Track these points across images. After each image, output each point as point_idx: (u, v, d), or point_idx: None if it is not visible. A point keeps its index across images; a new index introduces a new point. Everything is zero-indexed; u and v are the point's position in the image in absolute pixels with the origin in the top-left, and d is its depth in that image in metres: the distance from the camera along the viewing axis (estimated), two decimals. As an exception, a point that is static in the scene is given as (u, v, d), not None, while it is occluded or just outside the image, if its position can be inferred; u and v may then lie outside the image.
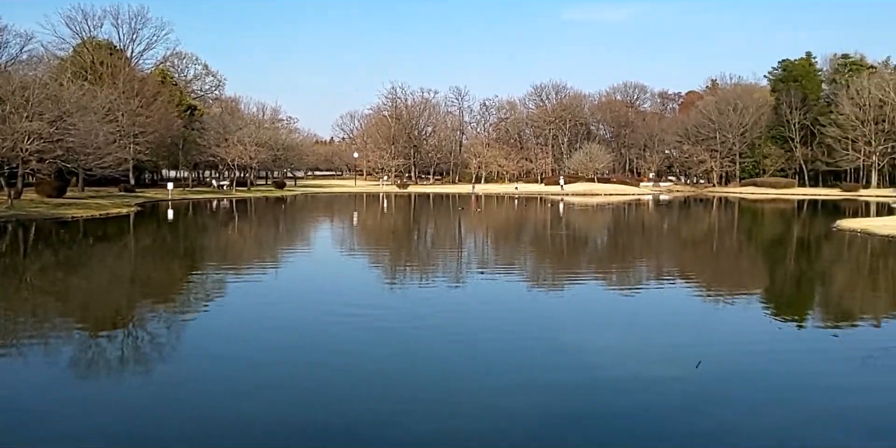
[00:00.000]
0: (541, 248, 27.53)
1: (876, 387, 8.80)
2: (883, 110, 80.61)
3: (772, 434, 7.12)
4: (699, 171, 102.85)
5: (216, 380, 8.71)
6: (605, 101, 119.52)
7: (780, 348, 10.80)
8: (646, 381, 8.88)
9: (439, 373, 9.21)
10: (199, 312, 13.44)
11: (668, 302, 15.27)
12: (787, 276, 20.40)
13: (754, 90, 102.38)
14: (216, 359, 9.71)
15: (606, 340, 11.26)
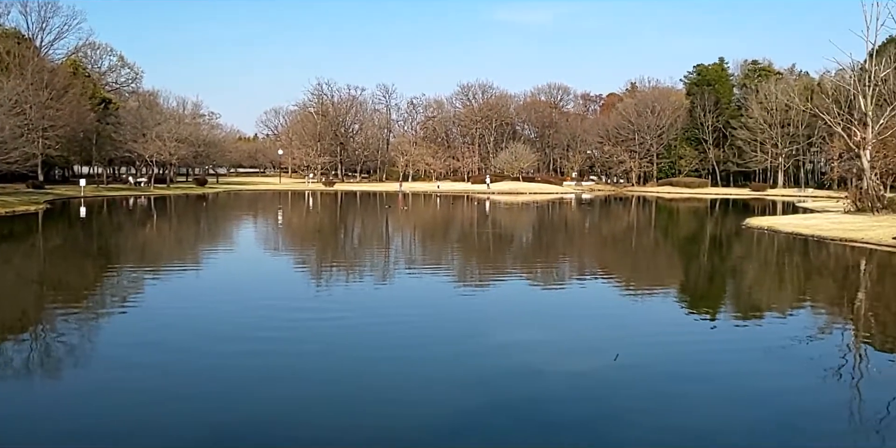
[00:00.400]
0: (467, 246, 27.81)
1: (778, 373, 9.35)
2: (788, 114, 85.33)
3: (685, 423, 7.47)
4: (619, 171, 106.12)
5: (127, 386, 8.42)
6: (529, 101, 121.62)
7: (694, 340, 11.31)
8: (566, 374, 9.15)
9: (361, 371, 9.20)
10: (112, 315, 12.93)
11: (589, 297, 15.75)
12: (701, 272, 21.37)
13: (671, 93, 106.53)
14: (128, 365, 9.38)
15: (529, 335, 11.51)
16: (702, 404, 8.09)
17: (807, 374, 9.42)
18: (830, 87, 66.01)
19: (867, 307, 15.23)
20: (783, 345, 10.86)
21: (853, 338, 12.03)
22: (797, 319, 13.63)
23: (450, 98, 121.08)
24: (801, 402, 8.24)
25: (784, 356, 10.26)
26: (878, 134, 40.14)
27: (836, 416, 7.75)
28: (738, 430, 7.30)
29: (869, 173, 38.64)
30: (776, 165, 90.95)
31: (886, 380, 9.27)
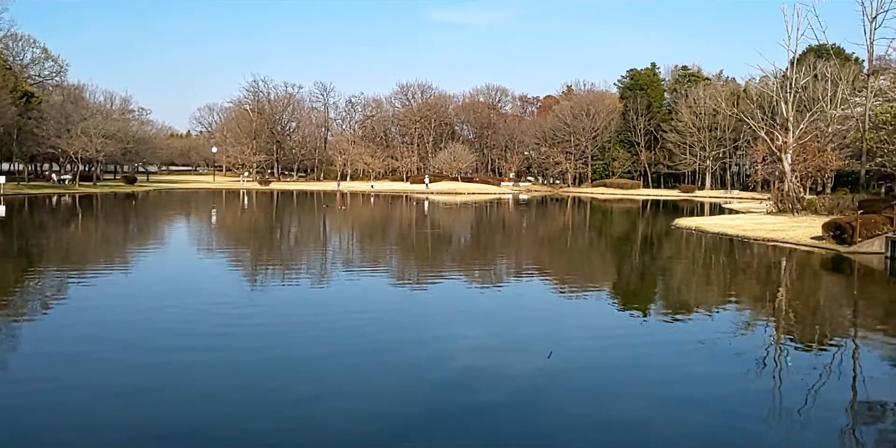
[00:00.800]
0: (406, 246, 27.79)
1: (707, 368, 9.72)
2: (716, 119, 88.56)
3: (616, 417, 7.69)
4: (555, 172, 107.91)
5: (47, 387, 8.09)
6: (468, 102, 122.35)
7: (625, 337, 11.64)
8: (500, 372, 9.28)
9: (299, 372, 9.09)
10: (32, 319, 12.37)
11: (525, 296, 16.00)
12: (633, 271, 21.97)
13: (605, 97, 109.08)
14: (48, 363, 9.01)
15: (465, 334, 11.61)
16: (633, 399, 8.34)
17: (733, 368, 9.82)
18: (755, 93, 68.94)
19: (787, 303, 15.99)
20: (711, 340, 11.30)
21: (775, 332, 12.61)
22: (724, 316, 14.19)
23: (389, 97, 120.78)
24: (728, 396, 8.58)
25: (712, 351, 10.68)
26: (799, 138, 42.10)
27: (758, 411, 8.09)
28: (669, 424, 7.56)
29: (790, 176, 40.48)
30: (704, 168, 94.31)
31: (804, 371, 9.74)
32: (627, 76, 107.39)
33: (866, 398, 8.72)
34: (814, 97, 58.20)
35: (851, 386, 9.24)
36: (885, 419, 7.86)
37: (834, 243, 24.75)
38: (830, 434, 7.35)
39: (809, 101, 56.16)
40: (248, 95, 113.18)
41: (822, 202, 38.39)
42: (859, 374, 9.88)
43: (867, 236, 23.80)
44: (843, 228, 24.56)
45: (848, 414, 8.09)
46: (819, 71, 60.52)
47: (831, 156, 44.67)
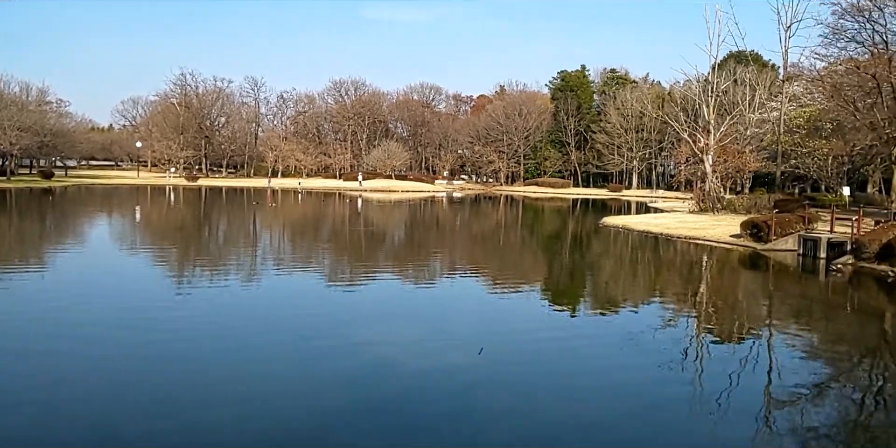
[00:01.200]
0: (338, 244, 27.57)
1: (635, 364, 10.08)
2: (642, 121, 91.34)
3: (543, 411, 7.89)
4: (489, 171, 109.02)
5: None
6: (402, 99, 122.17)
7: (555, 332, 11.92)
8: (431, 369, 9.37)
9: (224, 365, 8.94)
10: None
11: (457, 294, 16.15)
12: (562, 268, 22.48)
13: (537, 97, 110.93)
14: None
15: (397, 332, 11.65)
16: (562, 393, 8.57)
17: (659, 359, 10.20)
18: (679, 97, 71.51)
19: (708, 298, 16.72)
20: (638, 333, 11.71)
21: (697, 325, 13.18)
22: (650, 310, 14.73)
23: (322, 93, 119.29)
24: (654, 385, 8.93)
25: (639, 344, 11.07)
26: (719, 140, 43.96)
27: (682, 399, 8.46)
28: (599, 413, 7.82)
29: (711, 177, 42.23)
30: (631, 168, 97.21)
31: (725, 361, 10.23)
32: (558, 77, 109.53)
33: (780, 384, 9.23)
34: (733, 101, 60.80)
35: (767, 373, 9.78)
36: (795, 404, 8.34)
37: (751, 241, 25.98)
38: (747, 417, 7.76)
39: (729, 105, 58.64)
40: (174, 89, 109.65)
41: (740, 202, 40.20)
42: (774, 362, 10.45)
43: (782, 234, 25.09)
44: (760, 227, 25.81)
45: (763, 399, 8.55)
46: (738, 76, 63.37)
47: (749, 157, 46.79)
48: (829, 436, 7.34)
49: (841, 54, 49.91)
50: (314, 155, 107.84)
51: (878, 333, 13.45)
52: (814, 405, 8.37)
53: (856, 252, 20.93)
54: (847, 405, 8.52)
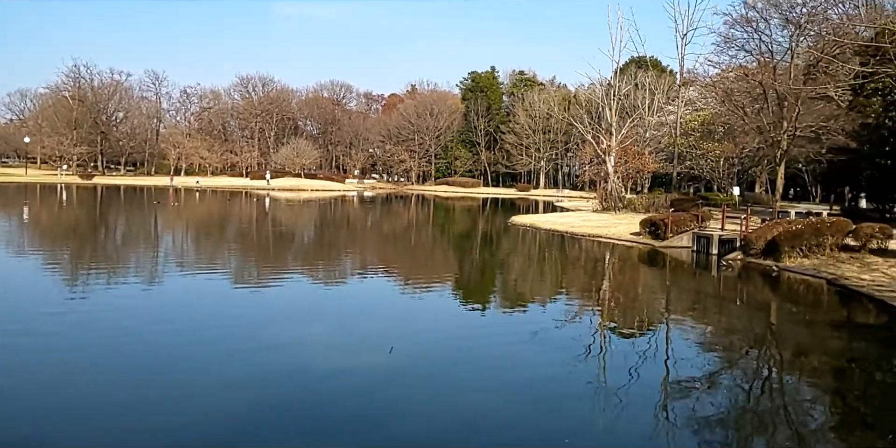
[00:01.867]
0: (245, 245, 26.82)
1: (541, 360, 10.35)
2: (549, 122, 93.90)
3: (450, 409, 7.99)
4: (400, 170, 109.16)
5: None
6: (312, 97, 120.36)
7: (464, 331, 12.08)
8: (341, 371, 9.29)
9: (131, 367, 8.55)
10: None
11: (368, 294, 16.07)
12: (473, 266, 22.80)
13: (448, 97, 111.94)
14: None
15: (306, 333, 11.48)
16: (469, 391, 8.69)
17: (564, 354, 10.52)
18: (584, 99, 73.91)
19: (610, 294, 17.39)
20: (544, 329, 12.04)
21: (600, 320, 13.69)
22: (556, 306, 15.18)
23: (228, 89, 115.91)
24: (559, 379, 9.21)
25: (545, 340, 11.39)
26: (621, 142, 45.77)
27: (586, 391, 8.77)
28: (506, 410, 7.99)
29: (613, 177, 43.92)
30: (539, 168, 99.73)
31: (626, 354, 10.67)
32: (469, 78, 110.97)
33: (676, 376, 9.72)
34: (634, 105, 63.49)
35: (665, 365, 10.28)
36: (690, 394, 8.82)
37: (650, 238, 27.22)
38: (647, 409, 8.13)
39: (630, 108, 61.17)
40: (67, 81, 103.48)
41: (640, 201, 42.05)
42: (671, 355, 10.99)
43: (677, 232, 26.43)
44: (658, 225, 27.09)
45: (661, 390, 8.99)
46: (639, 80, 66.21)
47: (648, 159, 49.00)
48: (721, 423, 7.79)
49: (731, 62, 53.03)
50: (220, 152, 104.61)
51: (765, 324, 14.40)
52: (708, 395, 8.86)
53: (744, 248, 22.31)
54: (738, 393, 9.08)
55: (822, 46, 40.22)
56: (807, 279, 18.75)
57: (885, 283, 16.52)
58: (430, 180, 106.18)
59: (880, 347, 12.22)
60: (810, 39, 44.83)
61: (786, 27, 46.97)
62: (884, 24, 29.27)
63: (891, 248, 19.66)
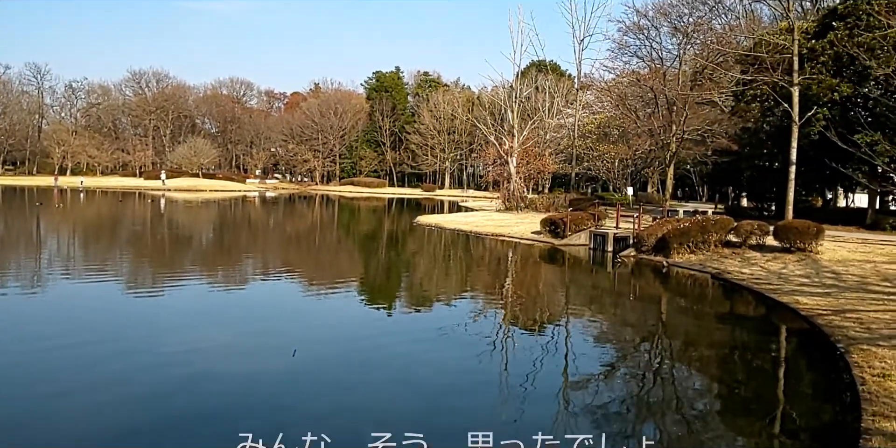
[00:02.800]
0: (140, 249, 25.60)
1: (447, 356, 10.50)
2: (454, 123, 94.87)
3: (358, 408, 8.00)
4: (303, 170, 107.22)
5: None
6: (210, 94, 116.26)
7: (370, 331, 12.07)
8: (245, 374, 9.09)
9: (14, 391, 8.02)
10: None
11: (271, 297, 15.75)
12: (379, 267, 22.77)
13: (352, 96, 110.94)
14: None
15: (210, 339, 11.14)
16: (374, 389, 8.71)
17: (469, 351, 10.72)
18: (487, 101, 75.17)
19: (513, 291, 17.83)
20: (450, 327, 12.21)
21: (503, 317, 14.01)
22: (461, 304, 15.40)
23: (119, 85, 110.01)
24: (464, 375, 9.38)
25: (451, 338, 11.55)
26: (522, 143, 46.93)
27: (489, 388, 8.98)
28: (408, 407, 8.06)
29: (515, 177, 44.97)
30: (444, 168, 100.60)
31: (528, 349, 10.99)
32: (374, 77, 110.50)
33: (575, 368, 10.12)
34: (535, 107, 65.16)
35: (565, 358, 10.67)
36: (589, 385, 9.20)
37: (550, 237, 28.08)
38: (548, 400, 8.43)
39: (532, 111, 62.74)
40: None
41: (541, 201, 43.29)
42: (571, 348, 11.42)
43: (576, 230, 27.40)
44: (557, 224, 27.98)
45: (562, 382, 9.33)
46: (539, 84, 68.05)
47: (549, 160, 50.52)
48: (617, 411, 8.19)
49: (625, 67, 55.59)
50: (110, 151, 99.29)
51: (656, 317, 15.20)
52: (605, 385, 9.28)
53: (637, 245, 23.44)
54: (632, 382, 9.55)
55: (707, 55, 42.87)
56: (693, 273, 19.92)
57: (763, 276, 17.81)
58: (335, 180, 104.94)
59: (759, 336, 13.17)
60: (697, 48, 47.67)
61: (674, 35, 49.74)
62: (761, 36, 31.48)
63: (768, 244, 21.18)
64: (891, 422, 6.81)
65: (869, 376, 8.51)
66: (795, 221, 21.53)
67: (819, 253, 19.80)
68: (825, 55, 28.60)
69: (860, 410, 7.35)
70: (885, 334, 10.84)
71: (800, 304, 14.04)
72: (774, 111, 30.70)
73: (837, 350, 10.33)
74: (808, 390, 9.54)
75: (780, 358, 11.49)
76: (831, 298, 14.30)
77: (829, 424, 7.88)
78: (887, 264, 17.90)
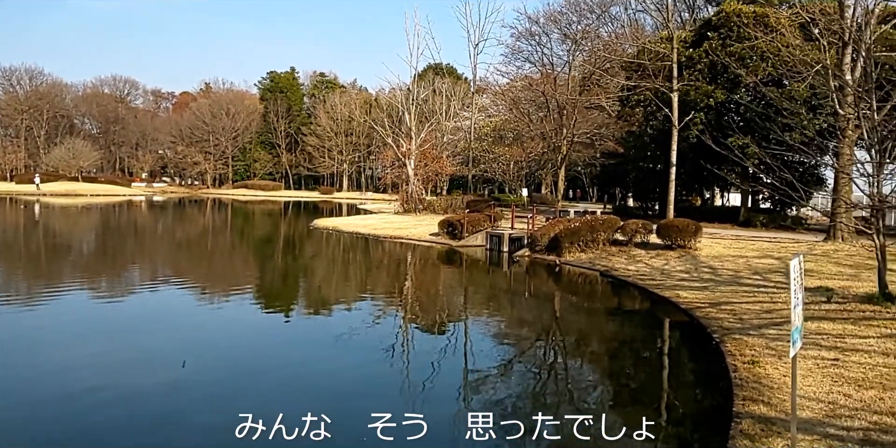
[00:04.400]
0: (10, 257, 23.78)
1: (347, 361, 10.41)
2: (351, 125, 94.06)
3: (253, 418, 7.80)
4: (194, 173, 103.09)
5: None
6: (91, 93, 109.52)
7: (266, 339, 11.79)
8: (130, 387, 8.67)
9: None
10: None
11: (160, 306, 15.05)
12: (275, 272, 22.24)
13: (245, 97, 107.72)
14: None
15: (93, 352, 10.52)
16: (268, 398, 8.53)
17: (368, 355, 10.68)
18: (385, 103, 75.12)
19: (412, 293, 17.91)
20: (349, 332, 12.12)
21: (403, 319, 14.05)
22: (360, 308, 15.31)
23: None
24: (364, 382, 9.34)
25: (350, 342, 11.47)
26: (420, 146, 47.20)
27: (390, 391, 8.98)
28: (305, 414, 7.94)
29: (413, 179, 45.16)
30: (342, 170, 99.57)
31: (429, 351, 11.09)
32: (268, 78, 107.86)
33: (474, 367, 10.30)
34: (433, 110, 65.80)
35: (464, 358, 10.84)
36: (487, 383, 9.39)
37: (448, 238, 28.42)
38: (448, 399, 8.54)
39: (429, 113, 63.32)
40: None
41: (439, 203, 43.69)
42: (469, 348, 11.61)
43: (473, 231, 27.87)
44: (455, 225, 28.37)
45: (461, 381, 9.48)
46: (436, 86, 68.74)
47: (446, 162, 51.10)
48: (515, 406, 8.40)
49: (518, 72, 57.13)
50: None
51: (550, 314, 15.72)
52: (503, 382, 9.50)
53: (531, 245, 24.13)
54: (529, 378, 9.84)
55: (595, 61, 44.74)
56: (584, 271, 20.75)
57: (647, 272, 18.79)
58: (228, 183, 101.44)
59: (644, 330, 13.90)
60: (585, 54, 49.65)
61: (564, 42, 51.59)
62: (644, 44, 33.19)
63: (652, 242, 22.37)
64: (759, 405, 7.37)
65: (740, 363, 9.17)
66: (676, 220, 22.84)
67: (698, 249, 21.12)
68: (701, 63, 30.55)
69: (734, 396, 7.91)
70: (755, 324, 11.72)
71: (680, 298, 14.92)
72: (657, 115, 32.44)
73: (713, 340, 11.07)
74: (690, 378, 10.17)
75: (663, 349, 12.17)
76: (708, 292, 15.29)
77: (707, 410, 8.43)
78: (757, 259, 19.34)
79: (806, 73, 18.66)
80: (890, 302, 12.39)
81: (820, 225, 29.97)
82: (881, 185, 12.70)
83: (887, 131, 12.57)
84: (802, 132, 21.38)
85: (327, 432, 6.65)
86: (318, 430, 6.65)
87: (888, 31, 22.49)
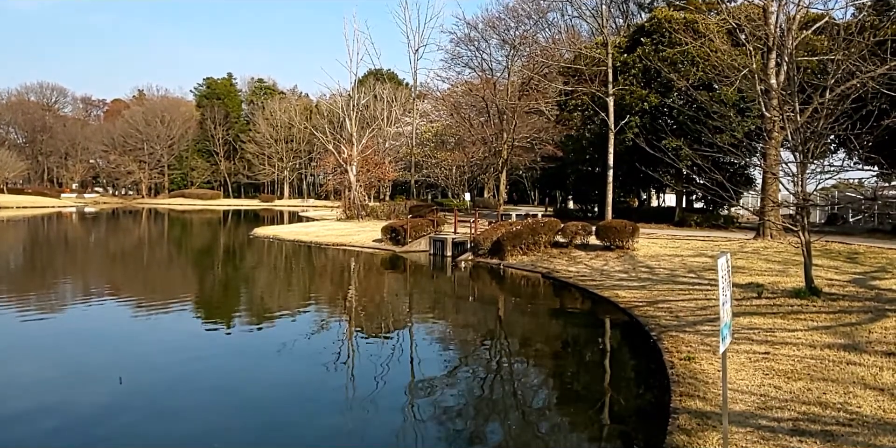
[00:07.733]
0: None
1: (290, 370, 10.24)
2: (292, 131, 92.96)
3: (191, 433, 7.59)
4: (128, 182, 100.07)
5: None
6: (15, 101, 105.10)
7: (205, 351, 11.49)
8: (65, 406, 8.33)
9: None
10: None
11: (94, 321, 14.51)
12: (214, 283, 21.72)
13: (181, 104, 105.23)
14: None
15: (24, 372, 10.06)
16: (209, 411, 8.33)
17: (312, 366, 10.53)
18: (325, 109, 74.51)
19: (356, 300, 17.77)
20: (292, 342, 11.94)
21: (348, 327, 13.92)
22: (303, 317, 15.09)
23: None
24: (305, 392, 9.20)
25: (293, 351, 11.29)
26: (362, 152, 46.97)
27: (334, 400, 8.88)
28: (245, 427, 7.77)
29: (355, 185, 44.88)
30: (282, 178, 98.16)
31: (374, 359, 11.00)
32: (204, 84, 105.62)
33: (420, 375, 10.27)
34: (374, 115, 65.59)
35: (410, 365, 10.79)
36: (434, 390, 9.38)
37: (391, 244, 28.33)
38: (394, 408, 8.49)
39: (370, 119, 63.09)
40: None
41: (382, 208, 43.58)
42: (415, 355, 11.57)
43: (416, 237, 27.87)
44: (398, 231, 28.30)
45: (407, 390, 9.43)
46: (377, 92, 68.58)
47: (388, 168, 51.00)
48: (461, 413, 8.41)
49: (458, 77, 57.54)
50: None
51: (494, 317, 15.82)
52: (449, 388, 9.50)
53: (474, 249, 24.29)
54: (475, 384, 9.86)
55: (533, 66, 45.47)
56: (526, 274, 20.99)
57: (587, 273, 19.15)
58: (164, 193, 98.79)
59: (585, 329, 14.14)
60: (523, 59, 50.40)
61: (503, 48, 52.26)
62: (580, 49, 33.91)
63: (591, 243, 22.81)
64: (695, 400, 7.59)
65: (677, 360, 9.43)
66: (614, 221, 23.37)
67: (635, 249, 21.64)
68: (636, 68, 31.40)
69: (671, 392, 8.12)
70: (691, 321, 12.07)
71: (619, 297, 15.26)
72: (594, 119, 33.16)
73: (651, 338, 11.35)
74: (631, 376, 10.39)
75: (604, 349, 12.40)
76: (646, 291, 15.68)
77: (648, 407, 8.63)
78: (692, 257, 19.95)
79: (734, 77, 19.38)
80: (815, 296, 12.97)
81: (750, 223, 31.17)
82: (805, 184, 13.30)
83: (810, 133, 13.17)
84: (732, 134, 22.21)
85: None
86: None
87: (809, 37, 23.58)
